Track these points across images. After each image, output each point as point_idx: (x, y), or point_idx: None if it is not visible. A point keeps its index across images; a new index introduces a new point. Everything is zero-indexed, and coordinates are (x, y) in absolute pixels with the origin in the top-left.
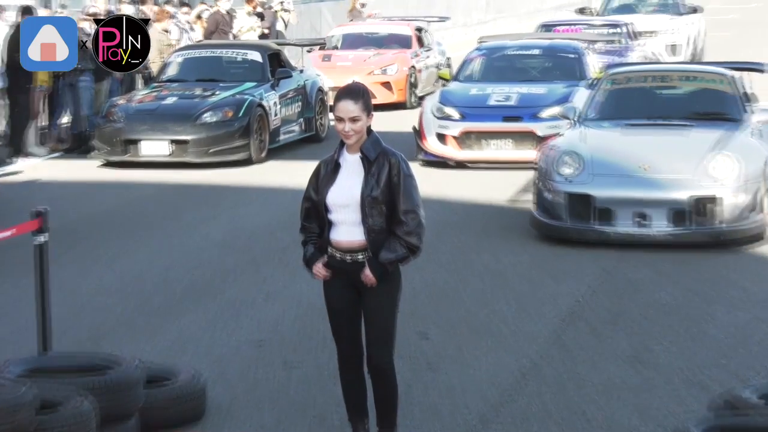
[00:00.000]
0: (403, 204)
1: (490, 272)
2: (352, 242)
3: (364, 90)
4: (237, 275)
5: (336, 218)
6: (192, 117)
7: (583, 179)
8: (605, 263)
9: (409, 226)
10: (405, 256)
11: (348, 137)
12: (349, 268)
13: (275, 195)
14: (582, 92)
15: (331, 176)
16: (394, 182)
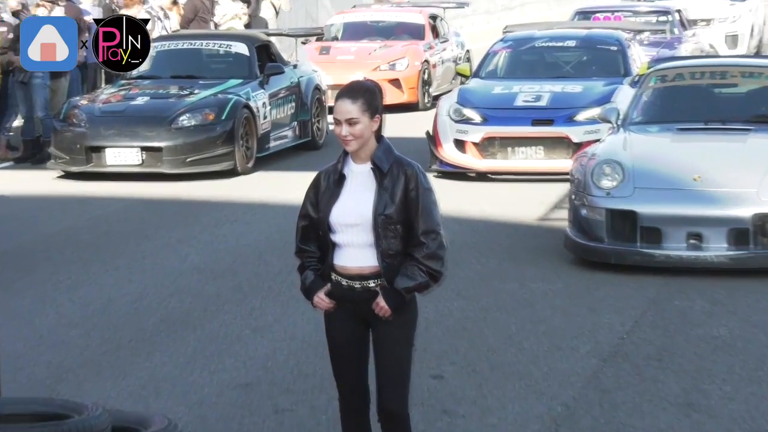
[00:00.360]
0: (423, 223)
1: (516, 302)
2: (362, 268)
3: (368, 88)
4: (220, 305)
5: (342, 240)
6: (166, 120)
7: (625, 193)
8: (652, 292)
9: (429, 249)
10: (425, 283)
11: (346, 143)
12: (358, 298)
13: (264, 212)
14: (625, 91)
15: (334, 190)
16: (411, 198)
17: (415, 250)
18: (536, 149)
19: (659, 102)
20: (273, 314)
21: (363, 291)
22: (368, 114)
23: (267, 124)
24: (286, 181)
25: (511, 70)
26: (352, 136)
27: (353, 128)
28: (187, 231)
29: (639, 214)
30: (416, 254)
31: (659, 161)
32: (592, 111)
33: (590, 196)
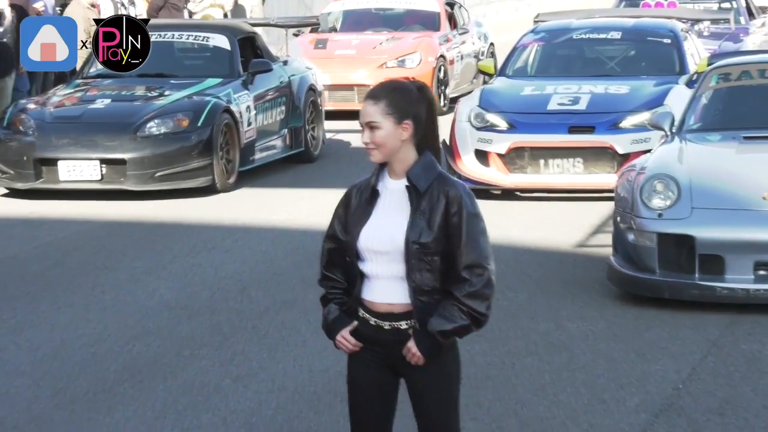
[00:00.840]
0: (467, 255)
1: (551, 345)
2: (392, 305)
3: (399, 87)
4: (194, 349)
5: (370, 270)
6: (131, 127)
7: (681, 214)
8: (713, 333)
9: (473, 286)
10: (465, 327)
11: (368, 152)
12: (387, 340)
13: (248, 237)
14: (680, 92)
15: (365, 209)
16: (453, 224)
17: (456, 286)
18: (574, 162)
19: (722, 105)
20: (258, 360)
21: (393, 332)
22: (393, 118)
23: (252, 132)
24: (275, 200)
25: (544, 68)
26: (374, 144)
27: (374, 135)
28: (155, 260)
29: (697, 240)
30: (456, 292)
31: (721, 176)
32: (641, 116)
33: (638, 218)
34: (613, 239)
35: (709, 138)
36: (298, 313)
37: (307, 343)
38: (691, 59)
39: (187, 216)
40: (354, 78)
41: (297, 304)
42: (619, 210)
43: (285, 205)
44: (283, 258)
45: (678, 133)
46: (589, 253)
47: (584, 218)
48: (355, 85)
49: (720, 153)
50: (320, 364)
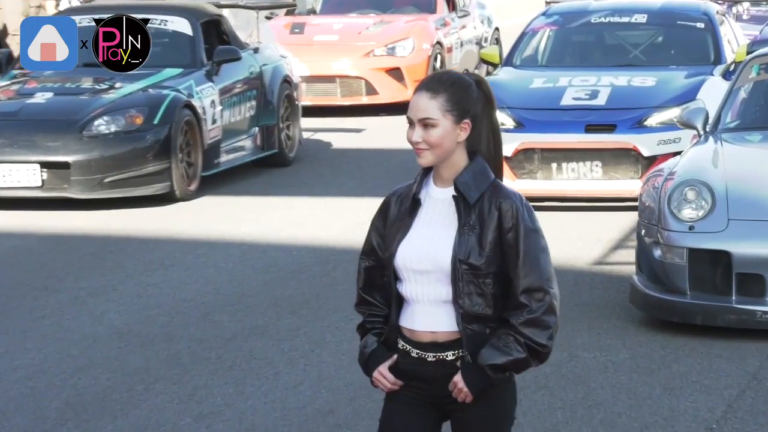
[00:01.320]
0: (525, 277)
1: (563, 379)
2: (435, 333)
3: (460, 81)
4: (149, 383)
5: (410, 292)
6: (76, 126)
7: (716, 227)
8: (752, 364)
9: (532, 313)
10: (522, 360)
11: (418, 153)
12: (432, 374)
13: (212, 253)
14: (715, 85)
15: (405, 220)
16: (508, 242)
17: (513, 313)
18: (592, 165)
19: (763, 100)
20: (223, 396)
21: (438, 365)
22: (453, 116)
23: (217, 131)
24: (243, 209)
25: (557, 56)
26: (427, 144)
27: (428, 133)
28: (104, 280)
29: (735, 257)
30: (513, 319)
31: (763, 183)
32: (670, 112)
33: (666, 231)
34: (637, 256)
35: (748, 138)
36: (269, 341)
37: (280, 376)
38: (728, 46)
39: (141, 228)
40: (336, 68)
41: (269, 331)
42: (643, 222)
43: (255, 216)
44: (253, 277)
45: (713, 132)
46: (609, 272)
47: (603, 231)
48: (338, 76)
49: (761, 156)
50: (295, 400)
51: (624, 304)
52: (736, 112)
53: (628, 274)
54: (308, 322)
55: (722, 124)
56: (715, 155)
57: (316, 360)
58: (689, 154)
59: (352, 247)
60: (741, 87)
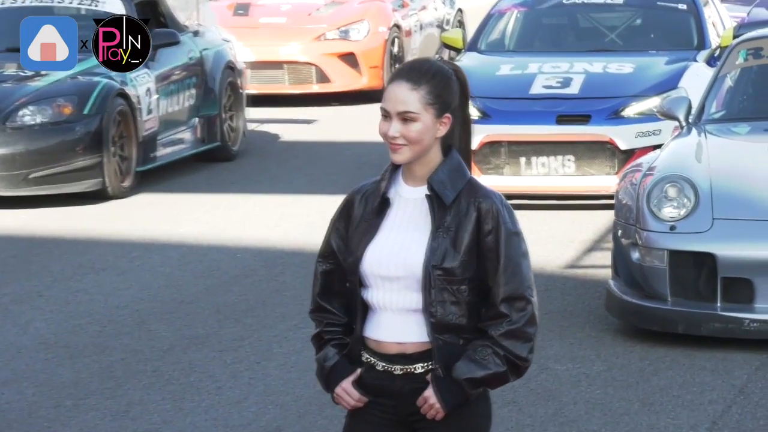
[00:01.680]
0: (506, 284)
1: (533, 393)
2: (404, 345)
3: (441, 71)
4: (79, 399)
5: (377, 300)
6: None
7: (700, 227)
8: (739, 377)
9: (513, 323)
10: (501, 375)
11: (394, 149)
12: (399, 389)
13: (149, 255)
14: (698, 72)
15: (372, 221)
16: (487, 245)
17: (491, 324)
18: (564, 160)
19: (751, 89)
20: (160, 412)
21: (406, 379)
22: (434, 110)
23: (153, 122)
24: (182, 208)
25: (526, 40)
26: (405, 140)
27: (407, 128)
28: (29, 285)
29: (720, 259)
30: (492, 330)
31: (751, 179)
32: (649, 102)
33: (646, 231)
34: (613, 259)
35: (735, 130)
36: (210, 353)
37: (222, 391)
38: (712, 30)
39: (71, 229)
40: (284, 53)
41: (210, 341)
42: (620, 221)
43: (195, 216)
44: (193, 282)
45: (696, 123)
46: (583, 277)
47: (576, 232)
48: (286, 62)
49: (749, 149)
50: (239, 417)
51: (599, 311)
52: (722, 102)
53: (603, 278)
54: (253, 331)
55: (706, 115)
56: (699, 149)
57: (261, 373)
58: (670, 147)
59: (302, 250)
60: (727, 74)
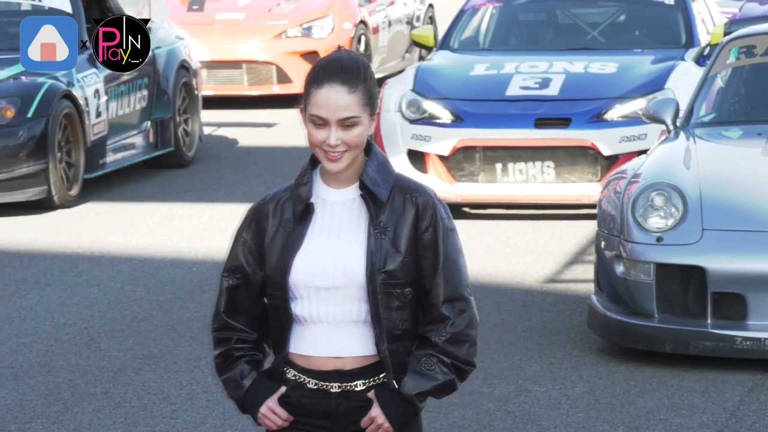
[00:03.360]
0: (446, 284)
1: (510, 416)
2: (342, 360)
3: (366, 66)
4: (24, 423)
5: (308, 312)
6: None
7: (688, 238)
8: (731, 398)
9: (456, 327)
10: (448, 383)
11: (334, 159)
12: (334, 408)
13: (97, 269)
14: (686, 71)
15: (295, 231)
16: (425, 243)
17: (432, 329)
18: (543, 166)
19: (743, 89)
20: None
21: (343, 398)
22: (369, 110)
23: (102, 126)
24: (134, 218)
25: (502, 38)
26: (346, 146)
27: (349, 134)
28: None
29: (710, 273)
30: (434, 337)
31: (743, 187)
32: (634, 104)
33: (631, 243)
34: (596, 272)
35: (725, 134)
36: (165, 373)
37: (177, 414)
38: (702, 26)
39: (13, 241)
40: (242, 52)
41: (164, 361)
42: (603, 232)
43: (147, 226)
44: (145, 298)
45: (684, 127)
46: (564, 291)
47: (556, 244)
48: (244, 61)
49: (741, 155)
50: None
51: (581, 328)
52: (712, 104)
53: (585, 293)
54: (210, 350)
55: (695, 118)
56: (687, 154)
57: (219, 395)
58: (657, 153)
59: None
60: (717, 74)
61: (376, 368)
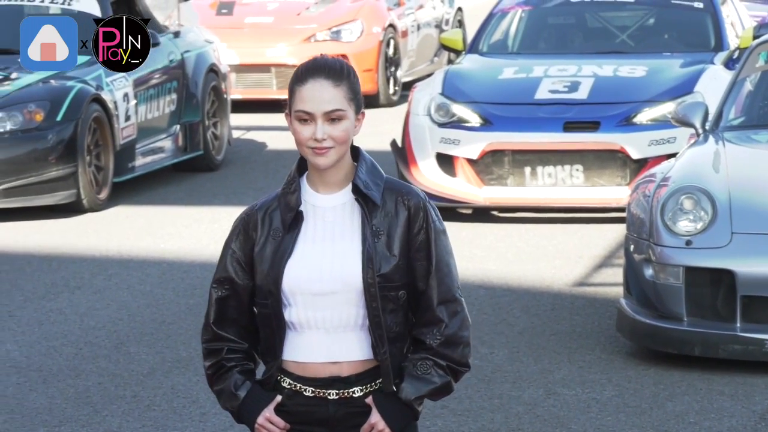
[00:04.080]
0: (439, 286)
1: (539, 420)
2: (339, 366)
3: (349, 67)
4: (53, 426)
5: (302, 318)
6: None
7: (718, 242)
8: (759, 402)
9: (449, 329)
10: (444, 386)
11: (320, 152)
12: (331, 415)
13: (127, 272)
14: (715, 75)
15: (284, 238)
16: (418, 245)
17: (426, 331)
18: (571, 170)
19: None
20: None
21: (340, 404)
22: (354, 106)
23: (131, 130)
24: (163, 222)
25: (531, 42)
26: (333, 141)
27: (335, 128)
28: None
29: (739, 277)
30: (428, 339)
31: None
32: (663, 107)
33: (660, 246)
34: (625, 276)
35: (755, 138)
36: (194, 377)
37: (207, 418)
38: (731, 30)
39: (43, 244)
40: (271, 56)
41: (193, 364)
42: (632, 236)
43: (177, 230)
44: (174, 301)
45: (713, 130)
46: (593, 295)
47: (585, 247)
48: (273, 65)
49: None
50: None
51: (610, 332)
52: (741, 108)
53: (614, 297)
54: None
55: (724, 122)
56: (716, 158)
57: None
58: (686, 156)
59: None
60: (746, 78)
61: (373, 374)
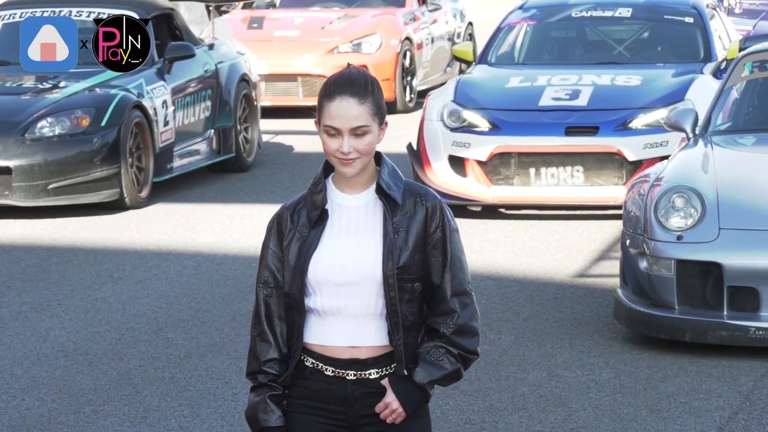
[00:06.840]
0: (453, 279)
1: (543, 400)
2: (357, 349)
3: (374, 81)
4: (98, 405)
5: (327, 305)
6: (18, 128)
7: (706, 237)
8: (746, 384)
9: (461, 319)
10: (455, 372)
11: (347, 163)
12: (349, 395)
13: (165, 265)
14: (704, 84)
15: (310, 234)
16: (434, 242)
17: (439, 321)
18: (572, 171)
19: (757, 101)
20: (178, 419)
21: (358, 384)
22: (378, 119)
23: (169, 134)
24: (198, 218)
25: (535, 53)
26: (358, 153)
27: (360, 141)
28: (48, 294)
29: (726, 269)
30: (442, 328)
31: (756, 189)
32: (657, 114)
33: (653, 241)
34: (621, 268)
35: (741, 141)
36: (227, 360)
37: (238, 397)
38: (719, 42)
39: (89, 238)
40: (297, 66)
41: (226, 349)
42: (628, 231)
43: (211, 225)
44: (209, 291)
45: (702, 135)
46: (592, 285)
47: (585, 242)
48: (299, 74)
49: (754, 160)
50: None
51: (607, 319)
52: (728, 114)
53: (611, 287)
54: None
55: (713, 127)
56: (705, 160)
57: None
58: (677, 158)
59: None
60: (733, 86)
61: (388, 358)
